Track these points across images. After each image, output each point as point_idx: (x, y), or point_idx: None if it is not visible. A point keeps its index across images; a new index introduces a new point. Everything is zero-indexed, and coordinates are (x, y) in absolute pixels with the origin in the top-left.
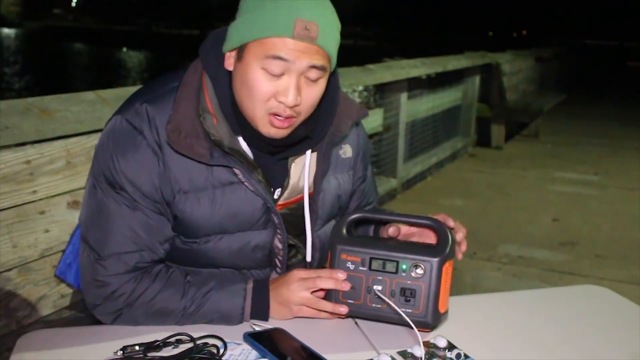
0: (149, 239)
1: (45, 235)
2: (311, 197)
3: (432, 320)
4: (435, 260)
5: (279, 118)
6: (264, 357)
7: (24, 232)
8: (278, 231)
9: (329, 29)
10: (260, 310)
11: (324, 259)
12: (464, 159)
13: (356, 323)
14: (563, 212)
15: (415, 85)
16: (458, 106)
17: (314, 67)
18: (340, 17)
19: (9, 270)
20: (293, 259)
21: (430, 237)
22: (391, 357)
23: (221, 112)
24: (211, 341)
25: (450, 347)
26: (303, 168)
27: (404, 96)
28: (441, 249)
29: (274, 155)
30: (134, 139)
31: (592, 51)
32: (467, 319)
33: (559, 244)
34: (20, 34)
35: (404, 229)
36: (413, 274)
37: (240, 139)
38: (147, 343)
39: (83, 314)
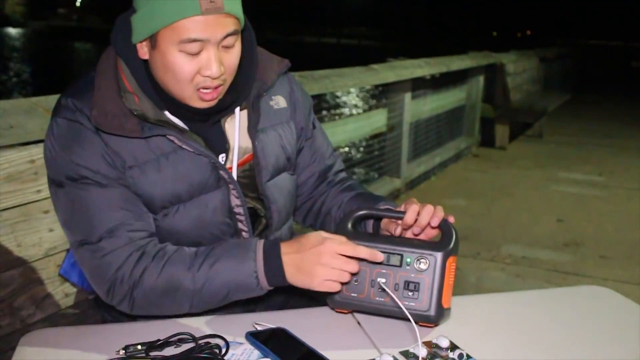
0: (131, 208)
1: (50, 234)
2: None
3: (435, 313)
4: (439, 254)
5: (208, 91)
6: (266, 357)
7: (28, 231)
8: (231, 187)
9: None
10: (277, 274)
11: (284, 213)
12: (468, 159)
13: (359, 323)
14: (567, 212)
15: (419, 86)
16: (462, 106)
17: (228, 35)
18: (345, 17)
19: (13, 269)
20: (259, 226)
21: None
22: (393, 357)
23: (141, 91)
24: (213, 341)
25: (453, 347)
26: (235, 126)
27: (407, 96)
28: (445, 244)
29: (205, 122)
30: (74, 130)
31: (596, 51)
32: (470, 319)
33: (563, 244)
34: (24, 34)
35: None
36: (417, 268)
37: (167, 113)
38: (149, 342)
39: (87, 313)
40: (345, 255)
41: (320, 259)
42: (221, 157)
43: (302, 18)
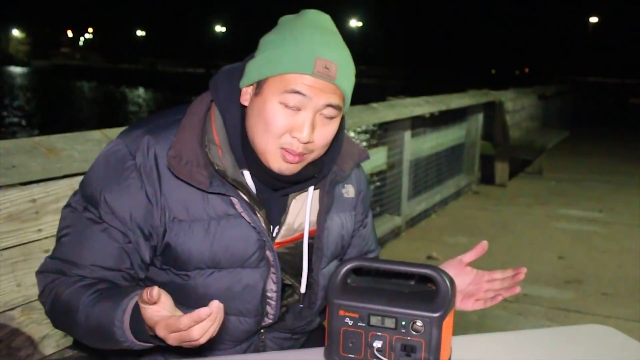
0: (121, 267)
1: None
2: (314, 235)
3: None
4: (435, 316)
5: (291, 153)
6: None
7: (29, 270)
8: (272, 270)
9: (347, 71)
10: (141, 331)
11: (324, 300)
12: (468, 197)
13: None
14: (568, 249)
15: (419, 124)
16: (461, 144)
17: (330, 105)
18: None
19: (12, 309)
20: (289, 299)
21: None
22: None
23: (228, 145)
24: None
25: None
26: (303, 205)
27: (407, 134)
28: (441, 303)
29: (277, 191)
30: (124, 162)
31: (594, 88)
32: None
33: (564, 281)
34: (28, 72)
35: None
36: (413, 331)
37: (246, 173)
38: None
39: (85, 353)
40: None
41: (166, 339)
42: (274, 231)
43: None
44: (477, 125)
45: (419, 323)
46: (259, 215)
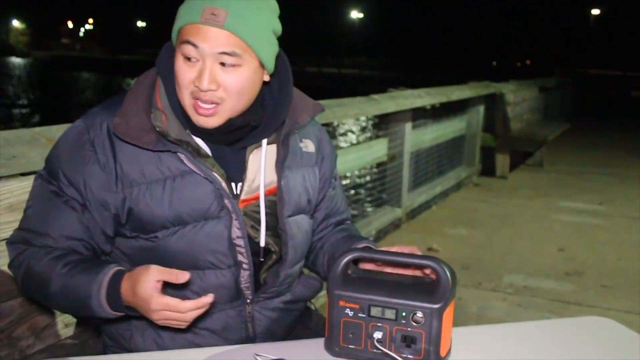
0: (83, 237)
1: None
2: (276, 189)
3: None
4: (435, 307)
5: (202, 105)
6: None
7: None
8: (234, 217)
9: (245, 18)
10: (117, 304)
11: (299, 251)
12: (469, 189)
13: None
14: (568, 241)
15: (419, 115)
16: (462, 136)
17: (224, 53)
18: (345, 47)
19: (12, 299)
20: (269, 262)
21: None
22: None
23: (170, 109)
24: None
25: None
26: (261, 158)
27: (408, 126)
28: (441, 294)
29: (230, 146)
30: (80, 138)
31: (595, 81)
32: (472, 351)
33: (564, 273)
34: (28, 63)
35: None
36: (413, 322)
37: (192, 135)
38: None
39: (86, 343)
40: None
41: (151, 313)
42: (238, 188)
43: (302, 48)
44: (478, 117)
45: (419, 314)
46: (211, 170)
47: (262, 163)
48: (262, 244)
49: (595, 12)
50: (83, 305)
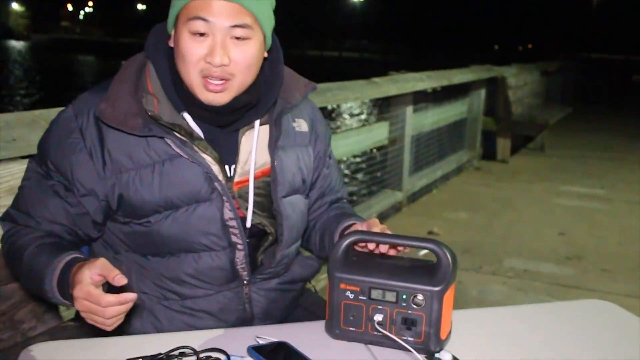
0: (68, 224)
1: None
2: (270, 170)
3: (433, 348)
4: (436, 289)
5: (212, 82)
6: None
7: None
8: (225, 199)
9: None
10: (65, 288)
11: (295, 231)
12: (470, 172)
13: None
14: (569, 225)
15: (420, 99)
16: (464, 119)
17: (237, 25)
18: (346, 30)
19: (14, 282)
20: (265, 244)
21: None
22: None
23: (163, 92)
24: (215, 354)
25: None
26: (254, 139)
27: (409, 109)
28: (442, 277)
29: (223, 128)
30: (69, 124)
31: (597, 65)
32: (472, 334)
33: (565, 257)
34: (28, 46)
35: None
36: (414, 304)
37: (186, 115)
38: (151, 356)
39: (88, 326)
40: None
41: (75, 302)
42: (232, 170)
43: (303, 31)
44: (480, 100)
45: (419, 297)
46: (201, 152)
47: (254, 143)
48: (248, 224)
49: None
50: (40, 288)
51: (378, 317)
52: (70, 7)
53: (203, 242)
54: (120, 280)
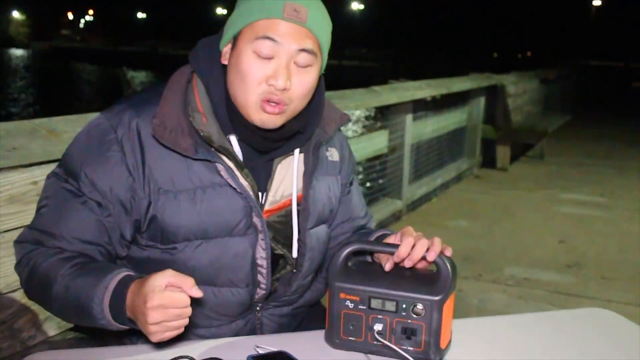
0: (98, 241)
1: None
2: (301, 198)
3: (433, 357)
4: (435, 299)
5: (271, 103)
6: None
7: None
8: (261, 237)
9: (319, 16)
10: (119, 312)
11: (315, 262)
12: (469, 180)
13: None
14: (569, 233)
15: (420, 107)
16: (463, 127)
17: (303, 50)
18: (346, 39)
19: (14, 291)
20: (282, 271)
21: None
22: None
23: (212, 112)
24: None
25: None
26: (288, 170)
27: (409, 118)
28: (442, 286)
29: (263, 155)
30: (106, 136)
31: (597, 72)
32: (472, 343)
33: (565, 265)
34: (28, 55)
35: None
36: (413, 314)
37: (232, 138)
38: None
39: (87, 335)
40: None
41: (148, 312)
42: (262, 198)
43: None
44: (479, 108)
45: (419, 306)
46: (245, 181)
47: (294, 173)
48: (295, 254)
49: (597, 3)
50: (84, 311)
51: (378, 327)
52: (70, 16)
53: (230, 277)
54: (197, 292)
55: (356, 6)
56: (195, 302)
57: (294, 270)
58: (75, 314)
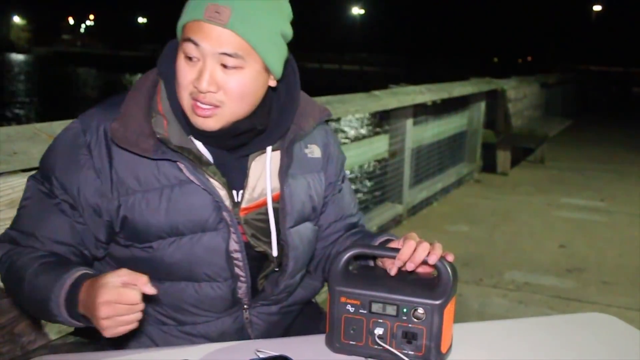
0: (71, 242)
1: None
2: (279, 197)
3: None
4: (436, 303)
5: (200, 106)
6: None
7: None
8: (232, 230)
9: (250, 18)
10: (74, 308)
11: (300, 262)
12: (470, 185)
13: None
14: (569, 238)
15: (420, 112)
16: (464, 132)
17: (225, 54)
18: (346, 43)
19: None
20: (267, 269)
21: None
22: None
23: (173, 115)
24: None
25: None
26: (265, 167)
27: (409, 122)
28: (442, 291)
29: (232, 153)
30: (76, 140)
31: (596, 77)
32: (473, 347)
33: (565, 270)
34: (29, 59)
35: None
36: (414, 318)
37: (195, 140)
38: None
39: (88, 339)
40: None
41: (100, 306)
42: (239, 196)
43: (303, 44)
44: (479, 113)
45: (420, 310)
46: (212, 179)
47: (267, 170)
48: (275, 252)
49: (597, 8)
50: (44, 307)
51: (378, 331)
52: (71, 21)
53: (205, 272)
54: (151, 289)
55: (357, 11)
56: (176, 298)
57: (277, 269)
58: (39, 310)
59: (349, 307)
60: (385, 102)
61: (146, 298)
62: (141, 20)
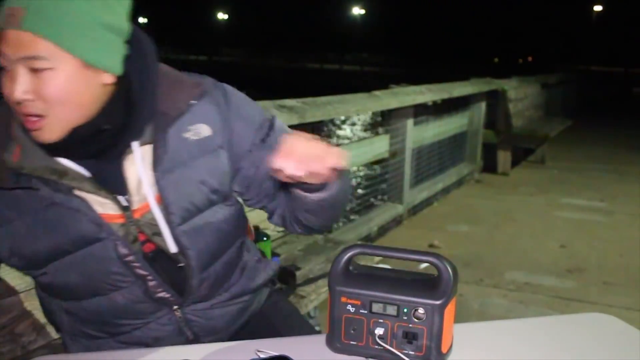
0: None
1: None
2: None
3: None
4: (437, 303)
5: (28, 119)
6: None
7: None
8: (114, 238)
9: (48, 15)
10: None
11: (206, 254)
12: (470, 185)
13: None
14: (570, 238)
15: (421, 112)
16: (464, 132)
17: (26, 57)
18: (347, 44)
19: (15, 295)
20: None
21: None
22: None
23: (26, 136)
24: None
25: None
26: (137, 163)
27: (410, 122)
28: (443, 291)
29: (99, 160)
30: None
31: (597, 77)
32: (473, 347)
33: (566, 270)
34: None
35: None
36: (415, 318)
37: (61, 159)
38: None
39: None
40: None
41: None
42: (126, 200)
43: (304, 44)
44: (480, 113)
45: (420, 310)
46: (83, 192)
47: (139, 168)
48: (173, 249)
49: (598, 8)
50: None
51: (379, 331)
52: None
53: (106, 282)
54: None
55: (357, 11)
56: (98, 313)
57: (181, 265)
58: None
59: (349, 307)
60: (385, 102)
61: (73, 318)
62: (141, 20)
